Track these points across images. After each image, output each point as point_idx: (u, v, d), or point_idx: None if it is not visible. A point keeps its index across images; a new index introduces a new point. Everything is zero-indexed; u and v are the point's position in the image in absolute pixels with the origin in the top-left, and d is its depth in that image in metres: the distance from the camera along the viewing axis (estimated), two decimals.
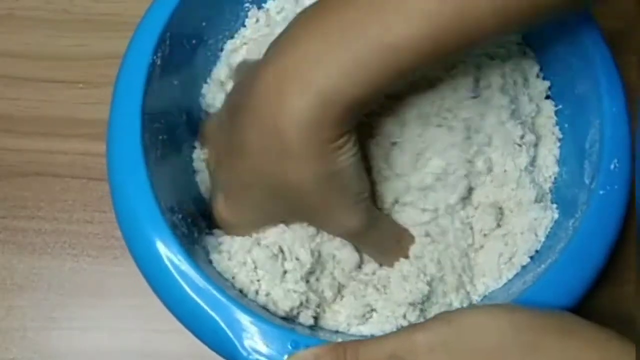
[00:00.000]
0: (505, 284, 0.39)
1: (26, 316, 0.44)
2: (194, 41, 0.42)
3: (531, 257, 0.39)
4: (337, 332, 0.37)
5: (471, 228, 0.40)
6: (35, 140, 0.47)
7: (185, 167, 0.41)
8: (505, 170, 0.40)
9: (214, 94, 0.43)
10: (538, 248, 0.39)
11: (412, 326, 0.32)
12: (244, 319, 0.33)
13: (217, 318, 0.33)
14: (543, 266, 0.37)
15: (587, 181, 0.38)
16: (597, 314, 0.42)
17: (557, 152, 0.42)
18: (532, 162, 0.41)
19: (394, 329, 0.37)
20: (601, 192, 0.36)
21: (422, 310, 0.38)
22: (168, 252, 0.34)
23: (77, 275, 0.45)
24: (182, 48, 0.41)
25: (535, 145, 0.41)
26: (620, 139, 0.37)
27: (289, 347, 0.33)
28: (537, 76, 0.43)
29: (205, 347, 0.42)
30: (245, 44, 0.44)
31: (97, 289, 0.44)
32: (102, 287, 0.44)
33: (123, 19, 0.50)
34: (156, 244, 0.34)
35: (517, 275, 0.39)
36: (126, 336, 0.44)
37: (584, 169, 0.39)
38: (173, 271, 0.34)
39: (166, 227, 0.35)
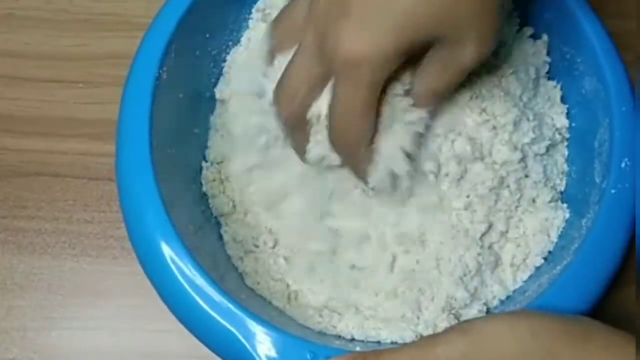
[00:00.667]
0: (520, 286, 0.39)
1: (26, 316, 0.44)
2: (197, 52, 0.42)
3: (544, 259, 0.39)
4: (353, 339, 0.37)
5: (490, 226, 0.40)
6: (35, 140, 0.47)
7: (194, 179, 0.41)
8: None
9: (218, 111, 0.43)
10: (551, 249, 0.39)
11: (431, 338, 0.32)
12: (260, 331, 0.33)
13: (233, 330, 0.33)
14: (558, 267, 0.37)
15: (597, 180, 0.38)
16: (611, 314, 0.43)
17: (565, 151, 0.42)
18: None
19: (414, 337, 0.37)
20: (613, 191, 0.37)
21: (455, 317, 0.38)
22: (181, 264, 0.34)
23: (77, 275, 0.45)
24: (187, 61, 0.41)
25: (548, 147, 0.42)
26: (630, 137, 0.37)
27: (308, 357, 0.33)
28: (544, 76, 0.43)
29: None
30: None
31: (97, 289, 0.44)
32: (102, 287, 0.44)
33: (123, 19, 0.50)
34: (167, 258, 0.35)
35: (531, 277, 0.39)
36: (126, 336, 0.44)
37: (594, 168, 0.39)
38: (188, 288, 0.34)
39: (180, 241, 0.35)
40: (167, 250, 0.35)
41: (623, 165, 0.37)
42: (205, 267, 0.35)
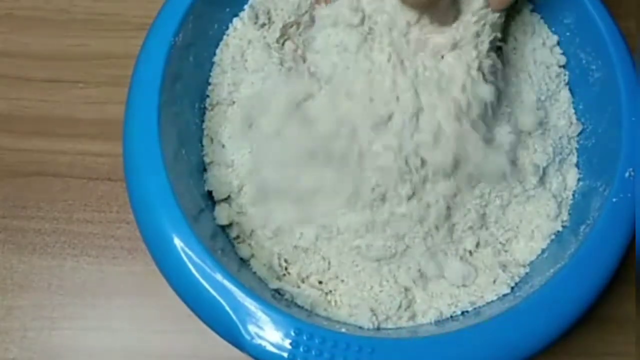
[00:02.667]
0: (512, 287, 0.39)
1: (26, 316, 0.44)
2: (216, 26, 0.43)
3: (539, 261, 0.40)
4: (341, 323, 0.38)
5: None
6: (35, 140, 0.47)
7: (197, 167, 0.41)
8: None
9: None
10: (547, 252, 0.40)
11: None
12: (250, 304, 0.34)
13: (222, 302, 0.34)
14: (552, 270, 0.37)
15: (600, 188, 0.38)
16: (611, 314, 0.43)
17: (571, 157, 0.42)
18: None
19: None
20: (614, 199, 0.37)
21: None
22: (179, 240, 0.35)
23: (77, 275, 0.45)
24: (206, 34, 0.42)
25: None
26: (636, 148, 0.37)
27: (292, 333, 0.33)
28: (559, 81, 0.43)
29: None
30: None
31: (97, 289, 0.44)
32: (102, 287, 0.44)
33: (123, 18, 0.50)
34: (168, 230, 0.35)
35: (523, 279, 0.39)
36: (126, 336, 0.44)
37: (598, 175, 0.39)
38: (184, 258, 0.35)
39: (180, 212, 0.35)
40: (174, 235, 0.35)
41: (627, 175, 0.37)
42: (204, 240, 0.35)
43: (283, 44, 0.43)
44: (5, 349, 0.43)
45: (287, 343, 0.33)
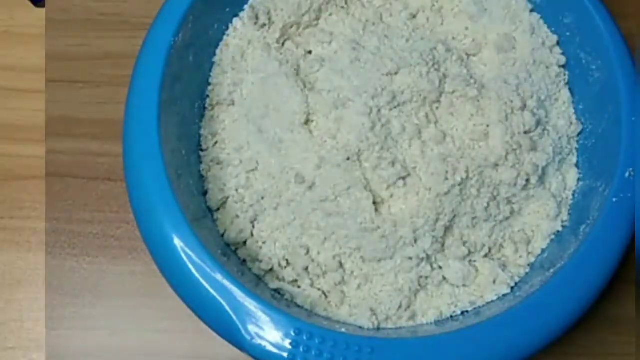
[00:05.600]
0: (513, 287, 0.39)
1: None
2: (216, 26, 0.43)
3: (540, 261, 0.40)
4: (341, 322, 0.38)
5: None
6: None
7: (197, 167, 0.41)
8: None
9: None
10: (547, 252, 0.40)
11: None
12: (250, 304, 0.34)
13: (222, 302, 0.34)
14: (552, 270, 0.37)
15: (600, 188, 0.38)
16: (611, 314, 0.43)
17: (571, 157, 0.42)
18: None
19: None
20: (614, 199, 0.37)
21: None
22: (179, 240, 0.35)
23: (77, 275, 0.45)
24: (206, 34, 0.42)
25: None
26: (637, 148, 0.37)
27: (292, 333, 0.33)
28: (559, 81, 0.43)
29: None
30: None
31: (97, 289, 0.44)
32: (102, 287, 0.44)
33: (123, 18, 0.50)
34: (168, 230, 0.35)
35: (524, 278, 0.39)
36: (126, 336, 0.44)
37: (598, 175, 0.39)
38: (184, 258, 0.35)
39: (180, 212, 0.35)
40: (174, 235, 0.35)
41: (627, 175, 0.37)
42: (207, 244, 0.35)
43: (283, 44, 0.43)
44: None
45: (287, 343, 0.33)
